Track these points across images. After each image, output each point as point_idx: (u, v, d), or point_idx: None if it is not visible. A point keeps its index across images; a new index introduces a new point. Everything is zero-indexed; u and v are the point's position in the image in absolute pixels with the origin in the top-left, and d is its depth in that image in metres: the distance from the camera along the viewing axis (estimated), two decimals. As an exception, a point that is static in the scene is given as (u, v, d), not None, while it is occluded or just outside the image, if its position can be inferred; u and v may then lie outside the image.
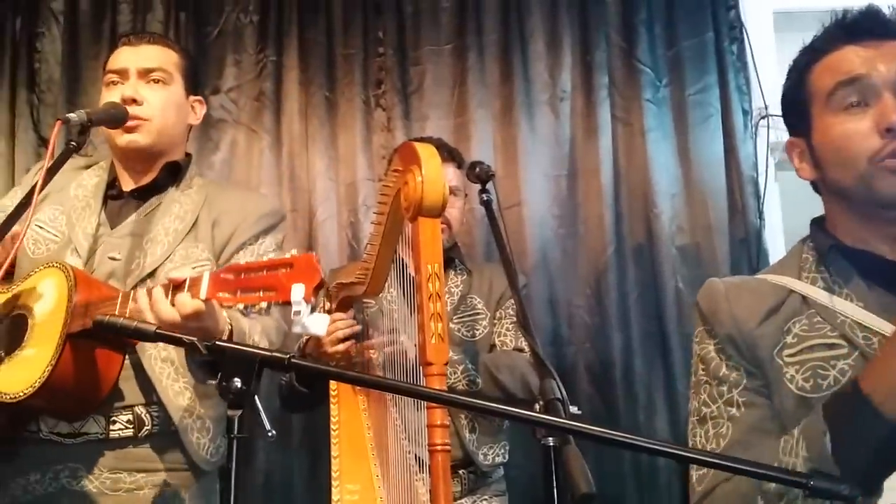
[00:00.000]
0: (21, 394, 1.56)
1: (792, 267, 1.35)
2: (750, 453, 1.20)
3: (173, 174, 2.00)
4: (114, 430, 1.78)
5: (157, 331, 1.15)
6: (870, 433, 1.05)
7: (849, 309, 1.23)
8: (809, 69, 1.34)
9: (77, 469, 1.77)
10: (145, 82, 1.94)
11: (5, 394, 1.58)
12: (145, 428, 1.80)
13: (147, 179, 1.97)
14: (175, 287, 1.49)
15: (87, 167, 2.05)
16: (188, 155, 2.09)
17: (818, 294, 1.27)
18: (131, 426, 1.79)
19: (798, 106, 1.36)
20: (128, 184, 1.99)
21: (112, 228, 1.91)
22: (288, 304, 1.28)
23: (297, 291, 1.27)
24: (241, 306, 1.35)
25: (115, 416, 1.78)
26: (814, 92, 1.32)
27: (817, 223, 1.39)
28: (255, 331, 1.75)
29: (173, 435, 1.82)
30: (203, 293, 1.40)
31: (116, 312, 1.54)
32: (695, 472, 1.33)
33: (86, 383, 1.65)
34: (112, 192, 1.98)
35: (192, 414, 1.82)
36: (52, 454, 1.77)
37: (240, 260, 1.88)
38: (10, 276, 1.83)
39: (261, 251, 1.93)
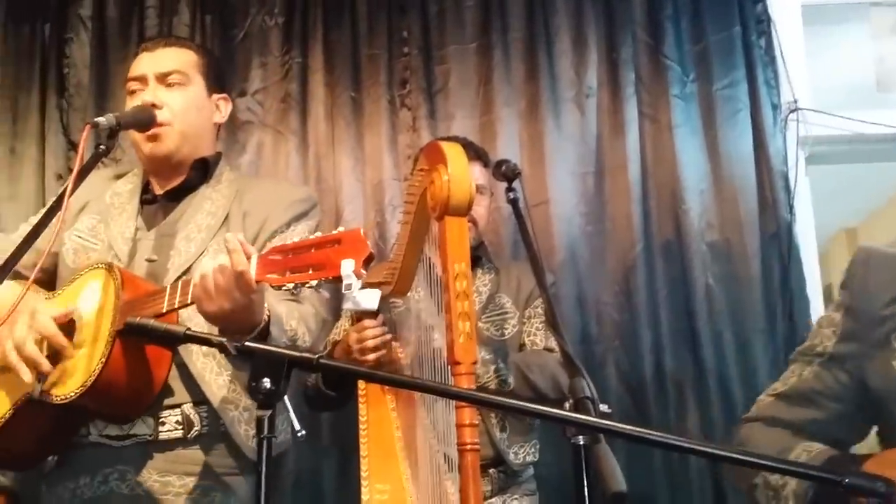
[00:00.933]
0: (72, 394, 1.56)
1: None
2: (789, 412, 1.32)
3: (203, 172, 2.01)
4: (163, 432, 1.77)
5: (187, 332, 1.16)
6: None
7: None
8: None
9: (126, 472, 1.76)
10: (164, 86, 1.95)
11: (56, 395, 1.59)
12: (195, 429, 1.79)
13: (178, 181, 1.98)
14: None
15: (119, 176, 2.06)
16: (218, 153, 2.09)
17: None
18: (180, 427, 1.78)
19: None
20: (160, 187, 2.00)
21: (148, 231, 1.92)
22: (338, 280, 1.27)
23: (347, 266, 1.26)
24: (290, 285, 1.34)
25: (164, 417, 1.78)
26: None
27: None
28: (293, 318, 1.73)
29: (223, 436, 1.82)
30: (252, 274, 1.40)
31: (166, 306, 1.54)
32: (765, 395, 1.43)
33: (136, 382, 1.65)
34: (146, 196, 2.00)
35: (237, 406, 1.82)
36: (102, 457, 1.77)
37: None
38: (47, 287, 1.86)
39: (293, 238, 1.90)
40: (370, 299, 1.28)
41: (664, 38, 3.17)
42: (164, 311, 1.55)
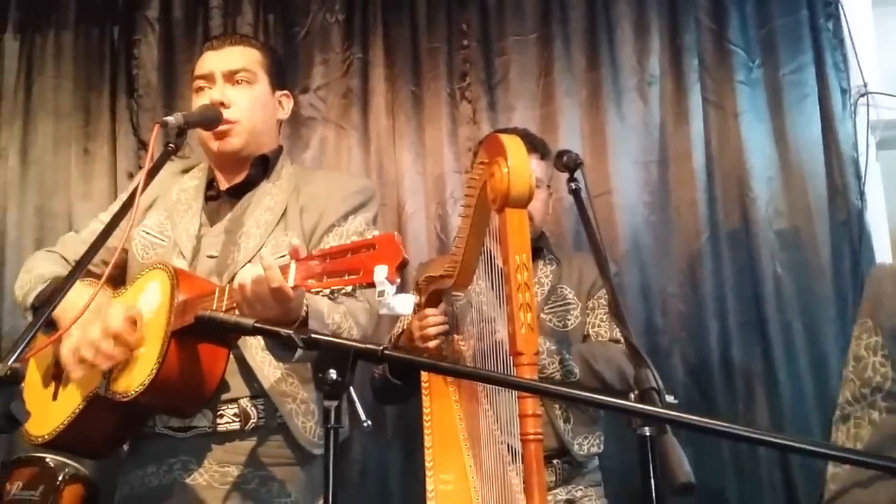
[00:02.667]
0: (133, 392, 1.62)
1: None
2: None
3: (264, 168, 2.04)
4: (221, 424, 1.82)
5: (256, 324, 1.18)
6: None
7: None
8: None
9: (188, 462, 1.82)
10: (231, 84, 1.98)
11: (118, 393, 1.64)
12: (251, 421, 1.84)
13: (241, 177, 2.02)
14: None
15: (186, 171, 2.11)
16: (279, 147, 2.12)
17: None
18: (238, 419, 1.83)
19: None
20: (224, 183, 2.04)
21: (211, 227, 1.97)
22: (373, 285, 1.27)
23: (380, 272, 1.27)
24: (327, 291, 1.36)
25: (223, 409, 1.83)
26: None
27: None
28: (337, 312, 1.75)
29: (280, 428, 1.86)
30: (291, 281, 1.42)
31: (214, 307, 1.58)
32: (831, 468, 1.26)
33: (193, 379, 1.69)
34: (211, 192, 2.04)
35: (295, 399, 1.86)
36: (166, 448, 1.84)
37: (329, 242, 1.89)
38: (118, 282, 1.91)
39: (350, 230, 1.93)
40: (405, 304, 1.27)
41: (728, 23, 3.11)
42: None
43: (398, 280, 1.27)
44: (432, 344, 2.18)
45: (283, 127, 2.19)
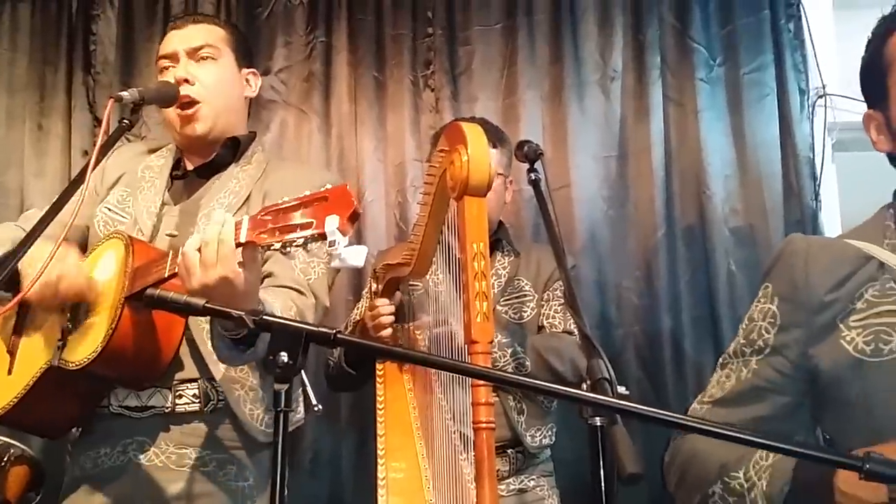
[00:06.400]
0: (85, 360, 1.59)
1: (875, 232, 1.32)
2: (733, 414, 1.28)
3: (234, 150, 2.02)
4: (180, 405, 1.80)
5: (207, 304, 1.16)
6: None
7: None
8: (886, 40, 1.31)
9: (144, 443, 1.79)
10: (195, 61, 1.96)
11: (70, 362, 1.62)
12: (211, 402, 1.82)
13: (208, 157, 2.00)
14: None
15: (153, 151, 2.08)
16: (252, 132, 2.11)
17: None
18: (197, 400, 1.80)
19: (875, 77, 1.34)
20: (192, 163, 2.02)
21: (174, 206, 1.95)
22: (325, 237, 1.27)
23: (331, 222, 1.26)
24: (278, 245, 1.33)
25: (181, 390, 1.80)
26: (891, 61, 1.29)
27: None
28: (289, 312, 1.72)
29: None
30: (244, 236, 1.39)
31: (167, 271, 1.53)
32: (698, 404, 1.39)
33: (148, 347, 1.67)
34: (177, 172, 2.02)
35: (244, 386, 1.84)
36: (121, 428, 1.80)
37: None
38: None
39: None
40: (357, 256, 1.26)
41: (691, 21, 3.13)
42: (167, 275, 1.54)
43: (350, 231, 1.26)
44: (385, 333, 2.17)
45: (251, 107, 2.17)
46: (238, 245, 1.40)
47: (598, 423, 1.35)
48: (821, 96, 3.08)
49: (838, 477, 1.09)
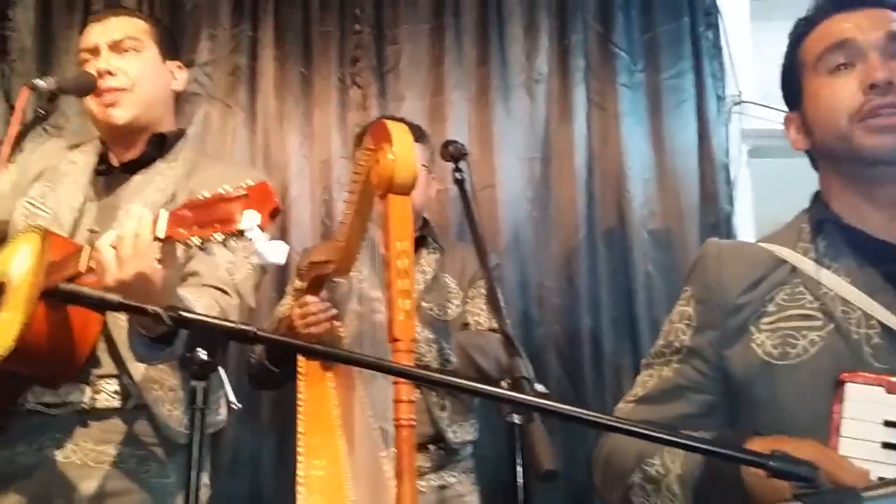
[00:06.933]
0: None
1: (790, 236, 1.36)
2: (656, 411, 1.32)
3: (161, 147, 1.98)
4: (99, 401, 1.76)
5: (122, 301, 1.14)
6: None
7: (833, 282, 1.25)
8: (801, 42, 1.36)
9: (62, 440, 1.75)
10: (117, 54, 1.93)
11: None
12: (132, 399, 1.78)
13: (135, 153, 1.96)
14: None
15: (78, 146, 2.04)
16: (181, 129, 2.08)
17: (807, 265, 1.29)
18: (118, 396, 1.77)
19: (792, 79, 1.39)
20: (117, 158, 1.98)
21: (98, 202, 1.90)
22: (242, 233, 1.25)
23: (250, 218, 1.25)
24: (197, 241, 1.32)
25: (101, 386, 1.77)
26: (804, 61, 1.35)
27: (818, 195, 1.40)
28: (212, 312, 1.70)
29: None
30: (161, 231, 1.37)
31: (83, 266, 1.50)
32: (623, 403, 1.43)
33: (63, 343, 1.63)
34: (102, 167, 1.97)
35: (162, 386, 1.81)
36: (38, 425, 1.76)
37: None
38: None
39: None
40: (277, 253, 1.25)
41: (614, 26, 3.19)
42: (83, 270, 1.51)
43: (270, 227, 1.25)
44: (315, 330, 2.16)
45: (177, 100, 2.13)
46: (156, 240, 1.38)
47: (516, 421, 1.38)
48: (737, 104, 3.17)
49: None
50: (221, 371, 1.08)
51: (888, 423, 1.12)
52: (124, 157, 1.97)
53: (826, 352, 1.21)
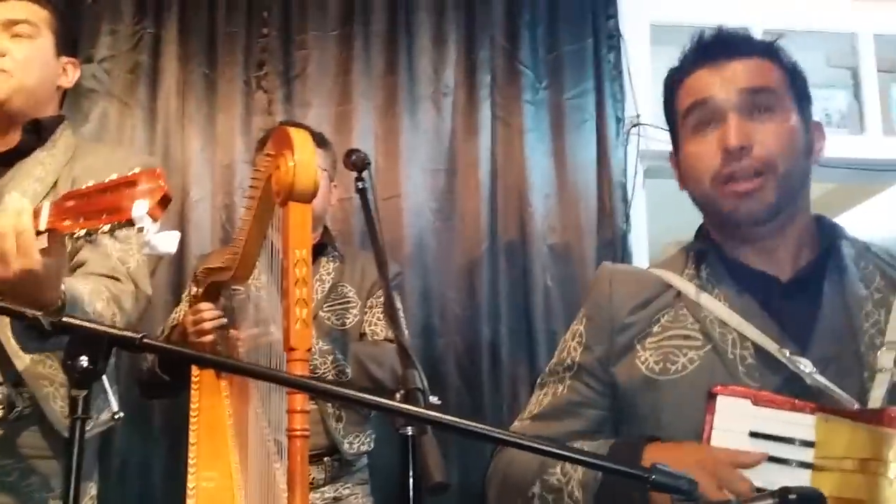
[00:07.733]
0: None
1: (678, 263, 1.41)
2: (550, 428, 1.35)
3: (37, 134, 1.89)
4: None
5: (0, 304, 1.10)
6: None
7: (713, 306, 1.31)
8: (675, 90, 1.40)
9: None
10: (10, 35, 1.85)
11: None
12: (16, 409, 1.70)
13: (11, 143, 1.87)
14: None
15: None
16: (59, 115, 1.98)
17: (689, 289, 1.34)
18: (1, 407, 1.69)
19: (670, 124, 1.43)
20: None
21: None
22: (133, 223, 1.20)
23: (139, 207, 1.20)
24: (82, 232, 1.26)
25: None
26: (677, 111, 1.39)
27: (702, 226, 1.45)
28: (100, 299, 1.65)
29: (41, 418, 1.73)
30: (43, 223, 1.31)
31: None
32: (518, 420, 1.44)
33: None
34: None
35: (52, 382, 1.73)
36: None
37: None
38: None
39: None
40: (168, 243, 1.22)
41: (520, 44, 3.24)
42: None
43: (161, 216, 1.20)
44: (207, 338, 2.12)
45: (64, 97, 2.05)
46: (39, 234, 1.32)
47: (410, 433, 1.38)
48: (635, 125, 3.26)
49: (645, 462, 1.16)
50: (105, 379, 1.04)
51: (753, 434, 1.18)
52: (1, 147, 1.88)
53: (704, 369, 1.27)
